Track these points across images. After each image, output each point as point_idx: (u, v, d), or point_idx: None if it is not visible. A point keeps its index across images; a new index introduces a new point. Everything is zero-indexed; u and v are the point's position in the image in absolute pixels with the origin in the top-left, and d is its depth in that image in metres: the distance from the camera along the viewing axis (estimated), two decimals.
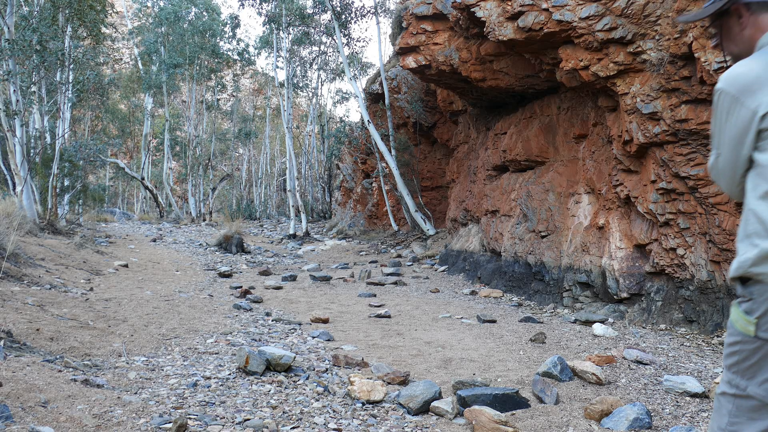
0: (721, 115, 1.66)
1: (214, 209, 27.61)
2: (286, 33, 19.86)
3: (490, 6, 6.80)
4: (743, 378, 1.64)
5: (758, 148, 1.58)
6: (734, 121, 1.61)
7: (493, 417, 2.78)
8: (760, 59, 1.59)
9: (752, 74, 1.56)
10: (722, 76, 1.64)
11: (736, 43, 1.75)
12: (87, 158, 15.12)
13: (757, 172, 1.58)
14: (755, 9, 1.66)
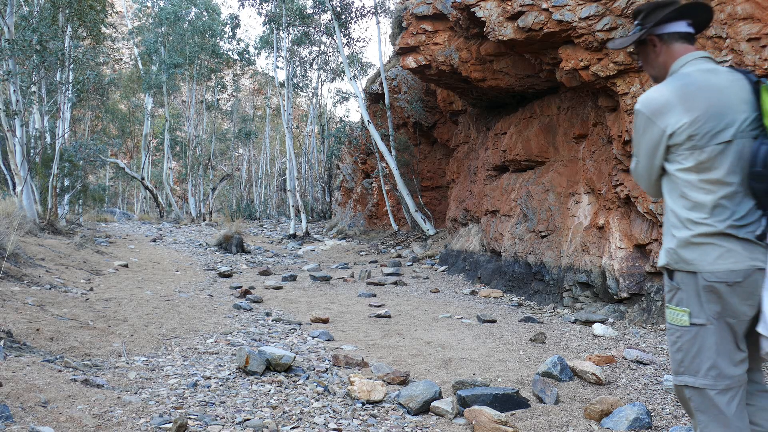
0: (638, 131, 1.96)
1: (214, 209, 27.62)
2: (286, 33, 19.87)
3: (490, 6, 6.81)
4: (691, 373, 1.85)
5: (668, 159, 1.90)
6: (648, 136, 1.91)
7: (493, 417, 2.78)
8: (671, 85, 1.88)
9: (663, 99, 1.87)
10: (640, 98, 1.94)
11: (653, 67, 2.04)
12: (87, 158, 15.12)
13: (670, 179, 1.91)
14: (667, 39, 1.98)
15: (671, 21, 1.98)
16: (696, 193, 1.85)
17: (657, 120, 1.88)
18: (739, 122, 1.83)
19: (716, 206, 1.82)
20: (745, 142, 1.82)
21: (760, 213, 1.81)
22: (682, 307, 1.86)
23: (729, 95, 1.84)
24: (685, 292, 1.85)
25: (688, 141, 1.84)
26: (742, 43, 4.37)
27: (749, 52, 4.33)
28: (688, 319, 1.84)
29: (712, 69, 1.90)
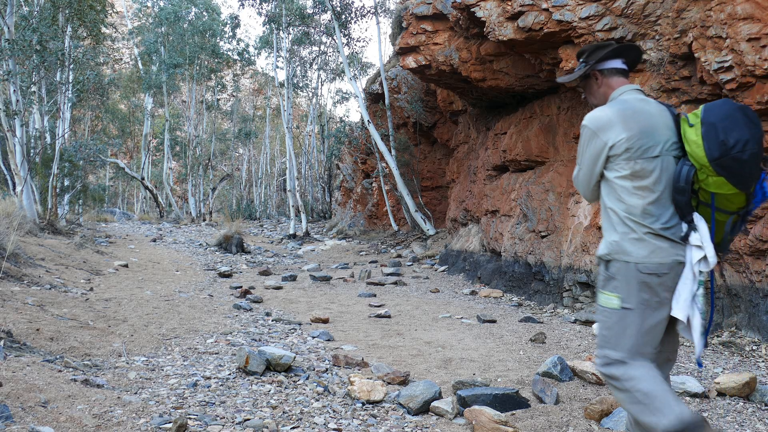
0: (584, 143, 2.33)
1: (214, 209, 27.62)
2: (286, 33, 19.87)
3: (490, 6, 6.80)
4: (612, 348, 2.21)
5: (608, 168, 2.28)
6: (593, 147, 2.29)
7: (493, 417, 2.78)
8: (613, 107, 2.29)
9: (606, 118, 2.26)
10: (587, 116, 2.32)
11: (595, 97, 2.47)
12: (87, 158, 15.13)
13: (609, 184, 2.29)
14: (607, 74, 2.41)
15: (609, 59, 2.41)
16: (630, 197, 2.24)
17: (601, 134, 2.26)
18: (664, 142, 2.23)
19: (645, 210, 2.21)
20: (668, 159, 2.23)
21: (678, 218, 2.22)
22: (615, 293, 2.21)
23: (657, 120, 2.26)
24: (619, 280, 2.21)
25: (624, 153, 2.22)
26: (742, 43, 4.37)
27: (749, 52, 4.33)
28: (618, 303, 2.20)
29: (644, 99, 2.33)
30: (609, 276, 2.24)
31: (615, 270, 2.22)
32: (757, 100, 4.35)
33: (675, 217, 2.23)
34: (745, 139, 2.09)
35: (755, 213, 4.66)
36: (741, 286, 4.90)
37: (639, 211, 2.21)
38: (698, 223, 2.23)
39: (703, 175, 2.17)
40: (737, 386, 3.38)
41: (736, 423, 3.05)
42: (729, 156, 2.11)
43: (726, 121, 2.15)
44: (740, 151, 2.09)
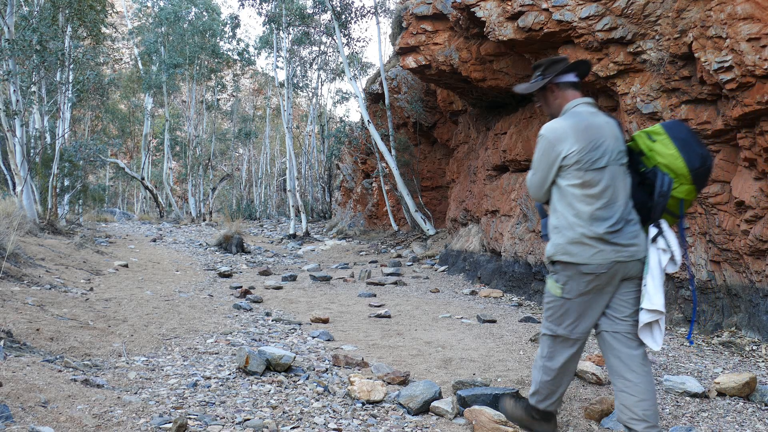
0: (540, 151, 2.60)
1: (214, 209, 27.61)
2: (286, 33, 19.86)
3: (490, 6, 6.80)
4: (554, 324, 2.61)
5: (560, 175, 2.55)
6: (548, 156, 2.56)
7: (493, 417, 2.78)
8: (568, 121, 2.55)
9: (561, 130, 2.52)
10: (545, 126, 2.59)
11: (551, 107, 2.72)
12: (87, 158, 15.13)
13: (561, 191, 2.56)
14: (562, 87, 2.66)
15: (565, 73, 2.65)
16: (579, 203, 2.50)
17: (556, 145, 2.52)
18: (611, 152, 2.51)
19: (593, 215, 2.48)
20: (616, 168, 2.52)
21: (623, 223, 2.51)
22: (558, 284, 2.57)
23: (606, 132, 2.53)
24: (562, 275, 2.54)
25: (575, 164, 2.48)
26: (742, 43, 4.37)
27: (749, 52, 4.33)
28: (560, 293, 2.56)
29: (595, 112, 2.60)
30: (555, 269, 2.59)
31: (560, 267, 2.55)
32: (757, 100, 4.35)
33: (620, 222, 2.51)
34: (708, 153, 2.49)
35: (755, 213, 4.66)
36: (741, 286, 4.90)
37: (587, 217, 2.48)
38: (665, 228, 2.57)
39: (677, 184, 2.48)
40: (737, 386, 3.38)
41: (736, 423, 3.05)
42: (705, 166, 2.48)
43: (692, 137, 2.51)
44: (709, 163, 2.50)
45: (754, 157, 4.62)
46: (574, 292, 2.52)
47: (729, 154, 5.03)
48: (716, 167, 5.10)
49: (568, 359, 2.61)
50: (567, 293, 2.53)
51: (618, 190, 2.52)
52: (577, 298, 2.52)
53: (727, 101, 4.75)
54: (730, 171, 5.01)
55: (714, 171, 5.10)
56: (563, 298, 2.55)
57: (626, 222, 2.52)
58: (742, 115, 4.52)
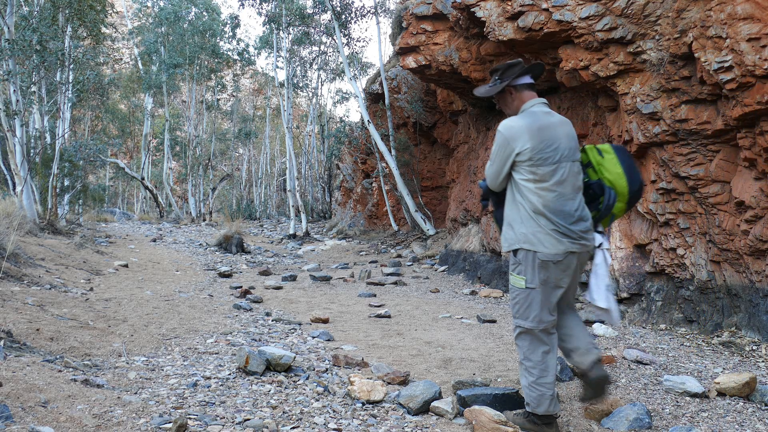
0: (497, 145, 2.80)
1: (214, 209, 27.61)
2: (286, 33, 19.86)
3: (490, 6, 6.80)
4: (522, 318, 2.79)
5: (514, 169, 2.78)
6: (503, 151, 2.77)
7: (493, 417, 2.78)
8: (523, 120, 2.77)
9: (516, 128, 2.75)
10: (503, 123, 2.81)
11: (509, 108, 2.95)
12: (87, 158, 15.12)
13: (516, 184, 2.79)
14: (519, 88, 2.88)
15: (521, 76, 2.86)
16: (533, 196, 2.73)
17: (511, 142, 2.74)
18: (563, 150, 2.74)
19: (546, 207, 2.72)
20: (568, 164, 2.75)
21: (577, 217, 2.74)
22: (521, 276, 2.77)
23: (559, 131, 2.76)
24: (524, 265, 2.76)
25: (528, 161, 2.71)
26: (742, 43, 4.37)
27: (749, 52, 4.33)
28: (524, 284, 2.76)
29: (549, 112, 2.83)
30: (516, 262, 2.80)
31: (521, 257, 2.77)
32: (757, 100, 4.35)
33: (573, 216, 2.74)
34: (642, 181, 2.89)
35: (755, 213, 4.66)
36: (741, 286, 4.90)
37: (541, 208, 2.72)
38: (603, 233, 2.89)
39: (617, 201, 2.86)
40: (737, 386, 3.38)
41: (736, 423, 3.05)
42: (640, 191, 2.86)
43: (634, 164, 2.89)
44: (642, 189, 2.88)
45: (754, 157, 4.62)
46: (536, 281, 2.74)
47: (729, 154, 5.03)
48: (716, 167, 5.10)
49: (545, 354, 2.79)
50: (530, 283, 2.75)
51: (571, 185, 2.76)
52: (539, 287, 2.74)
53: (727, 101, 4.75)
54: (730, 171, 5.02)
55: (714, 171, 5.11)
56: (528, 288, 2.76)
57: (580, 217, 2.76)
58: (742, 115, 4.52)
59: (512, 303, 2.84)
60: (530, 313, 2.76)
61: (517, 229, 2.77)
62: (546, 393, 2.76)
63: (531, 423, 2.80)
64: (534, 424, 2.80)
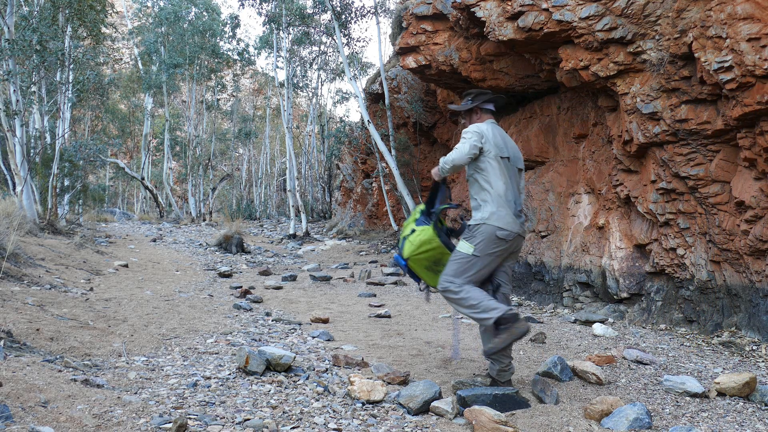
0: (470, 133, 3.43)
1: (214, 209, 27.61)
2: (286, 33, 19.85)
3: (490, 6, 6.80)
4: (454, 275, 3.32)
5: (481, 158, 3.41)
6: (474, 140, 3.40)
7: (493, 417, 2.78)
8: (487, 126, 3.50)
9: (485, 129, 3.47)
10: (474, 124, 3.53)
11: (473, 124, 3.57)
12: (87, 158, 15.12)
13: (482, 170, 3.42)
14: (484, 111, 3.67)
15: (488, 102, 3.67)
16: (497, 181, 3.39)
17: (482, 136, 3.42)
18: (513, 155, 3.51)
19: (506, 195, 3.38)
20: (515, 169, 3.51)
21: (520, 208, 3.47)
22: (472, 244, 3.32)
23: (510, 143, 3.57)
24: (478, 237, 3.32)
25: (487, 153, 3.39)
26: (742, 43, 4.37)
27: (749, 52, 4.33)
28: (472, 252, 3.31)
29: (500, 128, 3.59)
30: (472, 233, 3.35)
31: (480, 230, 3.33)
32: (757, 100, 4.35)
33: (518, 206, 3.47)
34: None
35: (755, 213, 4.66)
36: (741, 286, 4.90)
37: (502, 193, 3.37)
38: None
39: None
40: (737, 386, 3.38)
41: (736, 423, 3.05)
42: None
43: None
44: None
45: (754, 157, 4.62)
46: (483, 252, 3.31)
47: (729, 154, 5.04)
48: (716, 167, 5.10)
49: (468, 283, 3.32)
50: (477, 251, 3.30)
51: (516, 184, 3.50)
52: (483, 256, 3.31)
53: (727, 101, 4.75)
54: (730, 171, 5.02)
55: (714, 171, 5.11)
56: (474, 256, 3.30)
57: (521, 209, 3.49)
58: (742, 115, 4.52)
59: (452, 263, 3.35)
60: (466, 275, 3.31)
61: (487, 207, 3.36)
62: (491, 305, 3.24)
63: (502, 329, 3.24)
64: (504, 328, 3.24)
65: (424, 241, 3.46)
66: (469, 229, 3.36)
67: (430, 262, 3.52)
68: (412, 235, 3.51)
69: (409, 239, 3.50)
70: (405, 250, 3.49)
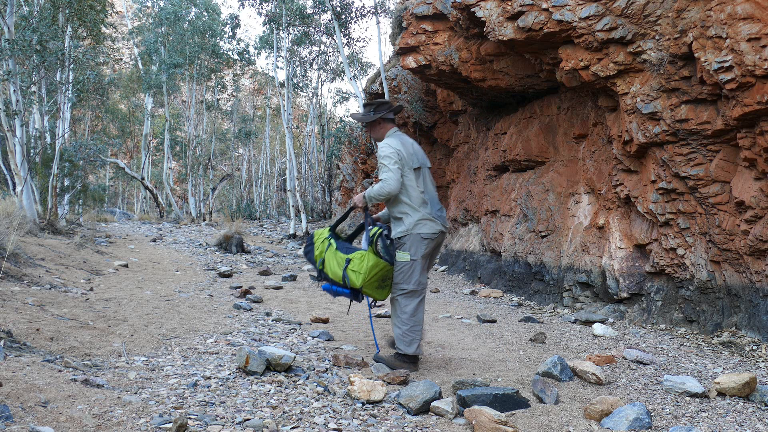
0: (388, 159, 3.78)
1: (214, 209, 27.60)
2: (286, 33, 19.85)
3: (490, 6, 6.80)
4: (405, 283, 3.80)
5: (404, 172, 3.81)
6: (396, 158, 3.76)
7: (493, 417, 2.78)
8: (394, 139, 3.89)
9: (396, 144, 3.83)
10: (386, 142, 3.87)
11: (377, 133, 4.05)
12: (87, 158, 15.11)
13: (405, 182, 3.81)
14: (386, 121, 4.01)
15: (389, 112, 3.99)
16: (414, 192, 3.80)
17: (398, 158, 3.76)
18: (421, 160, 3.91)
19: (422, 201, 3.80)
20: (426, 170, 3.94)
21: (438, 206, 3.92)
22: (407, 252, 3.78)
23: (416, 147, 3.96)
24: (409, 245, 3.78)
25: (404, 166, 3.78)
26: (742, 43, 4.37)
27: (749, 52, 4.33)
28: (409, 258, 3.77)
29: (404, 135, 3.97)
30: (402, 243, 3.80)
31: (409, 239, 3.78)
32: (757, 100, 4.35)
33: (436, 205, 3.89)
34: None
35: (755, 213, 4.66)
36: (741, 286, 4.90)
37: (419, 202, 3.78)
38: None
39: None
40: (737, 386, 3.38)
41: (736, 423, 3.05)
42: None
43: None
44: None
45: (754, 157, 4.62)
46: (418, 254, 3.77)
47: (729, 154, 5.04)
48: (716, 167, 5.10)
49: (418, 307, 3.84)
50: (414, 256, 3.76)
51: (429, 185, 3.91)
52: (420, 258, 3.77)
53: (727, 101, 4.75)
54: (730, 171, 5.02)
55: (714, 171, 5.11)
56: (412, 260, 3.76)
57: (440, 207, 3.90)
58: (742, 115, 4.52)
59: (397, 273, 3.80)
60: (412, 278, 3.78)
61: (408, 219, 3.78)
62: (416, 338, 3.80)
63: (400, 361, 3.81)
64: (403, 362, 3.80)
65: (371, 266, 3.78)
66: (399, 241, 3.81)
67: (380, 281, 3.84)
68: (352, 265, 3.83)
69: (353, 270, 3.81)
70: (356, 281, 3.79)
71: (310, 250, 4.15)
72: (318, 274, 4.04)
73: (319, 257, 4.02)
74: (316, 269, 4.06)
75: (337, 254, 3.93)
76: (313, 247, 4.13)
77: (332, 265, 3.91)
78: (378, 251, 3.84)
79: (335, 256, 3.93)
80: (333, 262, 3.92)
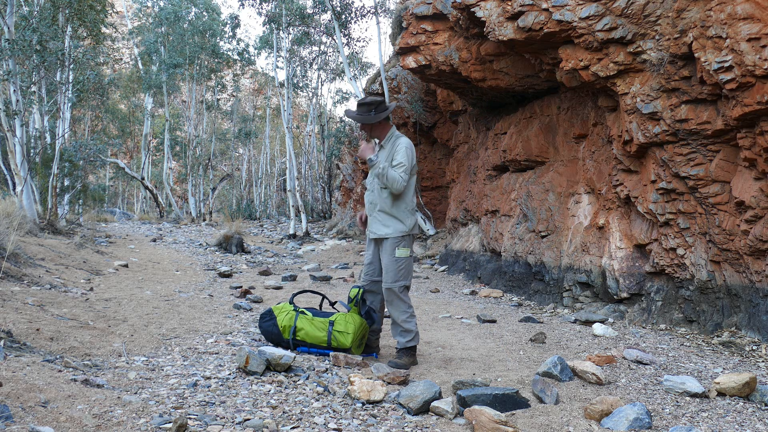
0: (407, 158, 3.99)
1: (214, 209, 27.60)
2: (286, 33, 19.85)
3: (490, 6, 6.80)
4: (406, 279, 4.04)
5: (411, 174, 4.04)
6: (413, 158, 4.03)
7: (493, 417, 2.78)
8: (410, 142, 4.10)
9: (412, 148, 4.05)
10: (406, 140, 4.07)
11: (375, 133, 4.13)
12: (87, 158, 15.11)
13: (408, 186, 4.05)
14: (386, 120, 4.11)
15: (385, 111, 4.04)
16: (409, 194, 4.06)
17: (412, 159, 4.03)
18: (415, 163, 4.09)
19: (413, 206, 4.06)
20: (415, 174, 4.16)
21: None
22: (407, 248, 4.03)
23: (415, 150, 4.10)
24: (406, 242, 4.03)
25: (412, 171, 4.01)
26: (742, 43, 4.37)
27: (749, 52, 4.33)
28: (409, 253, 4.03)
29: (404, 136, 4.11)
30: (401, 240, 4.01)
31: (408, 238, 4.04)
32: (757, 100, 4.35)
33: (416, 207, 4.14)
34: None
35: (755, 213, 4.66)
36: (741, 286, 4.90)
37: (413, 205, 4.06)
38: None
39: None
40: (737, 386, 3.38)
41: (736, 423, 3.05)
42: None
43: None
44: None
45: (754, 157, 4.62)
46: (411, 250, 4.09)
47: (729, 154, 5.04)
48: (716, 167, 5.10)
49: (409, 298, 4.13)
50: (411, 252, 4.08)
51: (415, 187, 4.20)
52: (412, 253, 4.09)
53: (727, 101, 4.75)
54: (730, 171, 5.02)
55: (714, 171, 5.11)
56: (410, 256, 4.04)
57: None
58: (742, 115, 4.52)
59: (399, 270, 3.99)
60: (410, 273, 4.07)
61: (406, 220, 4.01)
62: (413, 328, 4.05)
63: (409, 356, 4.03)
64: (412, 356, 4.05)
65: (357, 328, 4.06)
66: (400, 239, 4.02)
67: (360, 339, 4.13)
68: (337, 326, 4.04)
69: (339, 332, 4.03)
70: (345, 342, 4.01)
71: (269, 321, 4.24)
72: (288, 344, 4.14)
73: (288, 328, 4.14)
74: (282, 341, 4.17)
75: (315, 320, 4.13)
76: (276, 320, 4.22)
77: (311, 330, 4.09)
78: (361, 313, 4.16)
79: (313, 322, 4.12)
80: (310, 327, 4.10)
